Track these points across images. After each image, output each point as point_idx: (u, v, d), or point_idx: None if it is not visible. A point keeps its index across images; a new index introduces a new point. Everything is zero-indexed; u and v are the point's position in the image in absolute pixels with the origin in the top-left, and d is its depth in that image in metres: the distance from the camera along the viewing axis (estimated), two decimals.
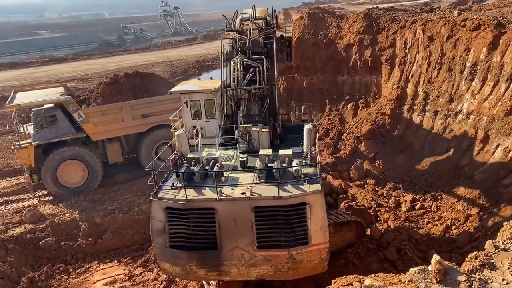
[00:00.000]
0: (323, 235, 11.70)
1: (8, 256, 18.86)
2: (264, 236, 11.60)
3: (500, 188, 19.05)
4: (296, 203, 11.42)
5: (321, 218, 11.56)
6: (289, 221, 11.49)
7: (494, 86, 21.55)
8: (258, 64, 15.69)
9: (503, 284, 8.02)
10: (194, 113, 16.57)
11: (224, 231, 11.70)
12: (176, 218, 11.94)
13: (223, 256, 11.88)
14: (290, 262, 11.71)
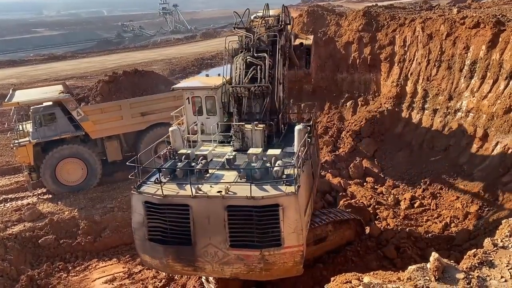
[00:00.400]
0: (297, 238, 11.49)
1: (7, 254, 18.84)
2: (236, 235, 11.61)
3: (499, 185, 19.08)
4: (269, 204, 11.28)
5: (294, 221, 11.36)
6: (261, 222, 11.38)
7: (493, 84, 21.57)
8: (260, 62, 15.69)
9: (502, 281, 8.04)
10: (198, 110, 16.65)
11: (198, 228, 11.79)
12: (153, 212, 12.14)
13: (197, 253, 11.98)
14: (262, 263, 11.63)
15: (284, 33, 16.83)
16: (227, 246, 11.66)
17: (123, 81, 29.54)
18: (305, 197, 12.72)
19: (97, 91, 28.59)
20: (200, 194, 11.77)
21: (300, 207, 11.52)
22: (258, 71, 15.58)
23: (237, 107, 15.74)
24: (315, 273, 15.52)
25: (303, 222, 11.74)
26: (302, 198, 11.94)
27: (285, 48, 16.66)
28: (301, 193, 11.80)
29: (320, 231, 16.19)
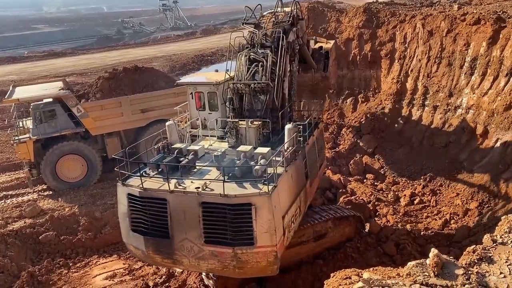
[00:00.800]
0: (270, 238, 11.43)
1: (8, 251, 18.90)
2: (210, 231, 11.67)
3: (499, 182, 19.11)
4: (241, 203, 11.28)
5: (267, 221, 11.32)
6: (234, 220, 11.40)
7: (493, 80, 21.56)
8: (262, 58, 15.62)
9: (501, 277, 8.07)
10: (203, 105, 16.72)
11: (175, 222, 11.97)
12: (135, 204, 12.46)
13: (175, 246, 12.17)
14: (235, 261, 11.67)
15: (295, 29, 16.71)
16: (202, 242, 11.76)
17: (123, 78, 29.52)
18: (287, 198, 12.57)
19: (97, 88, 28.58)
20: (177, 189, 11.92)
21: (276, 208, 11.46)
22: (260, 68, 15.57)
23: (239, 103, 15.74)
24: (315, 269, 15.58)
25: (278, 223, 11.66)
26: (280, 199, 11.83)
27: (294, 44, 16.50)
28: (278, 194, 11.69)
29: (320, 227, 16.24)
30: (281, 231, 11.88)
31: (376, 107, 28.08)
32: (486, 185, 19.52)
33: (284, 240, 12.25)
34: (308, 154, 14.88)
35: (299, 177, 13.79)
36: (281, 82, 15.77)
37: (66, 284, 17.97)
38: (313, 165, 15.55)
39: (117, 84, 29.04)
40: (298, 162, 13.85)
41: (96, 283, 17.86)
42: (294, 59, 17.06)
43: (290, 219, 12.74)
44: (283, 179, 12.25)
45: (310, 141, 15.10)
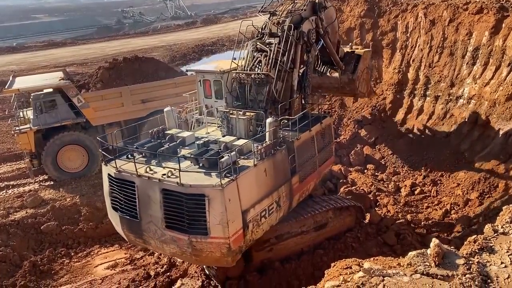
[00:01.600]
0: (223, 230, 11.67)
1: (10, 240, 18.99)
2: (170, 217, 12.09)
3: (500, 172, 19.10)
4: (196, 193, 11.56)
5: (220, 213, 11.55)
6: (189, 209, 11.71)
7: (495, 70, 21.45)
8: (266, 48, 15.56)
9: (501, 267, 8.09)
10: (207, 93, 16.89)
11: (142, 204, 12.52)
12: (113, 184, 13.27)
13: (143, 227, 12.76)
14: (191, 248, 12.01)
15: (313, 18, 16.54)
16: (163, 227, 12.23)
17: (123, 68, 29.39)
18: (253, 192, 12.66)
19: (98, 78, 28.46)
20: (143, 174, 12.44)
21: (231, 201, 11.66)
22: (263, 58, 15.50)
23: (242, 93, 15.72)
24: (316, 259, 15.64)
25: (234, 216, 11.86)
26: (241, 192, 12.01)
27: (310, 34, 16.25)
28: (236, 187, 11.84)
29: (320, 217, 16.28)
30: (239, 225, 12.07)
31: (377, 97, 27.97)
32: (487, 175, 19.51)
33: (248, 234, 12.48)
34: (299, 149, 14.61)
35: (278, 172, 13.65)
36: (285, 73, 15.62)
37: (68, 273, 18.08)
38: (308, 161, 15.28)
39: (118, 74, 28.92)
40: (279, 157, 13.71)
41: (97, 272, 17.96)
42: (310, 49, 16.73)
43: (260, 213, 12.89)
44: (248, 173, 12.37)
45: (303, 136, 14.77)
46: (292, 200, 14.73)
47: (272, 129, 13.51)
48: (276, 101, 15.35)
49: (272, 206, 13.54)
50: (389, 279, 8.15)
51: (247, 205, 12.36)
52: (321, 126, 16.15)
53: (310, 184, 15.96)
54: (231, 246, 11.90)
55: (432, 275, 8.11)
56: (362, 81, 20.73)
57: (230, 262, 12.53)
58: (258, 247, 15.05)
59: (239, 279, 14.65)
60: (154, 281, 16.07)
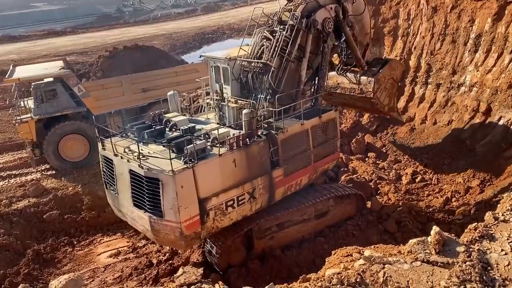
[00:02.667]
0: (175, 215, 12.21)
1: (13, 229, 19.10)
2: (136, 197, 13.03)
3: (501, 160, 19.09)
4: (152, 177, 12.20)
5: (171, 199, 12.07)
6: (148, 191, 12.43)
7: (498, 57, 21.30)
8: (271, 36, 15.57)
9: (502, 254, 8.13)
10: (217, 79, 17.08)
11: (118, 181, 13.78)
12: (102, 161, 14.57)
13: (120, 202, 14.07)
14: (150, 228, 12.84)
15: (332, 6, 16.35)
16: (132, 204, 13.27)
17: (124, 57, 29.41)
18: (217, 181, 12.93)
19: (98, 67, 28.49)
20: (118, 153, 13.43)
21: (185, 188, 12.11)
22: (266, 46, 15.47)
23: (245, 81, 15.88)
24: (316, 246, 15.73)
25: (188, 203, 12.29)
26: (199, 180, 12.41)
27: (325, 23, 16.05)
28: (192, 175, 12.24)
29: (321, 206, 16.35)
30: (194, 211, 12.49)
31: None
32: (488, 163, 19.50)
33: (209, 221, 12.95)
34: (285, 143, 14.52)
35: (252, 164, 13.73)
36: (287, 62, 15.47)
37: (71, 261, 18.22)
38: (298, 155, 15.12)
39: (118, 63, 28.93)
40: (255, 148, 13.73)
41: (100, 260, 18.10)
42: (326, 39, 16.45)
43: (226, 203, 13.23)
44: (210, 162, 12.68)
45: (291, 129, 14.63)
46: (274, 193, 14.69)
47: (247, 120, 13.58)
48: (275, 91, 15.27)
49: (243, 197, 13.75)
50: (390, 266, 8.21)
51: (208, 193, 12.75)
52: (320, 119, 15.65)
53: (300, 179, 15.68)
54: (184, 231, 12.45)
55: (432, 262, 8.16)
56: (383, 90, 19.55)
57: (183, 246, 13.41)
58: (259, 235, 15.17)
59: (240, 267, 14.77)
60: (156, 269, 16.20)
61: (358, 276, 8.12)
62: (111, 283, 16.10)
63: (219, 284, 9.61)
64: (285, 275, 14.49)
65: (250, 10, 16.75)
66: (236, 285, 13.53)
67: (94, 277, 16.86)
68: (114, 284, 16.04)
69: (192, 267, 15.23)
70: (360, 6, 18.24)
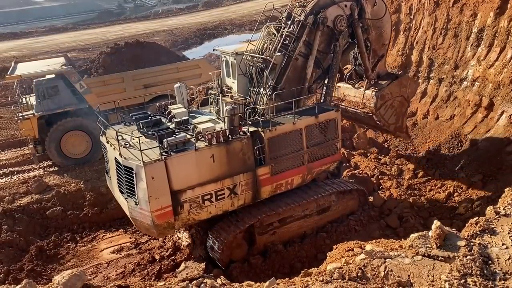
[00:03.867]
0: (146, 204, 12.73)
1: (16, 226, 19.21)
2: (119, 182, 13.88)
3: (503, 155, 19.04)
4: (128, 166, 12.90)
5: (143, 189, 12.62)
6: (126, 179, 13.19)
7: (500, 52, 21.21)
8: (275, 32, 15.69)
9: (503, 248, 8.14)
10: (227, 73, 17.43)
11: (110, 166, 14.71)
12: (103, 148, 15.38)
13: (113, 187, 14.97)
14: (129, 213, 13.62)
15: (348, 4, 15.99)
16: (118, 189, 14.14)
17: (125, 53, 29.40)
18: (192, 174, 13.18)
19: (99, 63, 28.50)
20: (110, 140, 14.22)
21: (156, 179, 12.55)
22: (268, 41, 15.53)
23: (251, 76, 16.01)
24: (318, 241, 15.78)
25: (160, 194, 12.78)
26: (172, 173, 12.78)
27: (336, 20, 15.72)
28: (165, 167, 12.64)
29: (323, 201, 16.35)
30: (166, 202, 12.92)
31: None
32: (490, 158, 19.46)
33: (183, 213, 13.34)
34: (273, 141, 14.38)
35: (233, 160, 13.80)
36: (289, 59, 15.44)
37: (74, 258, 18.32)
38: (288, 154, 14.93)
39: (119, 59, 28.93)
40: (237, 145, 13.74)
41: (103, 256, 18.19)
42: (338, 37, 16.10)
43: (202, 196, 13.52)
44: (184, 156, 12.98)
45: (280, 128, 14.43)
46: (259, 191, 14.66)
47: (227, 116, 13.66)
48: (275, 87, 15.25)
49: (222, 192, 13.89)
50: (391, 261, 8.24)
51: (182, 185, 13.09)
52: (317, 119, 15.21)
53: (292, 179, 15.43)
54: (154, 220, 12.88)
55: (433, 256, 8.18)
56: (389, 107, 18.40)
57: (155, 234, 13.92)
58: (261, 231, 15.21)
59: (242, 262, 14.83)
60: (159, 265, 16.28)
61: (359, 271, 8.14)
62: (114, 278, 16.18)
63: (221, 279, 9.65)
64: (287, 270, 14.56)
65: (251, 6, 16.88)
66: (238, 280, 13.56)
67: (97, 273, 16.95)
68: (117, 279, 16.10)
69: (194, 263, 15.27)
70: (381, 12, 17.41)
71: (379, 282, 7.87)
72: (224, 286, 9.27)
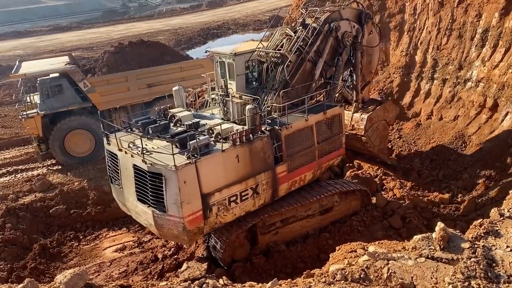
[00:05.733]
0: (177, 210, 12.25)
1: (19, 224, 19.28)
2: (140, 191, 13.06)
3: (507, 156, 18.95)
4: (155, 172, 12.22)
5: (174, 194, 12.12)
6: (152, 186, 12.48)
7: (505, 52, 21.10)
8: (292, 34, 15.99)
9: (507, 251, 8.08)
10: (222, 74, 17.14)
11: (123, 175, 13.82)
12: (107, 155, 14.68)
13: (125, 196, 14.06)
14: (154, 222, 12.87)
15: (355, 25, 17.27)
16: (136, 199, 13.29)
17: (129, 52, 29.44)
18: (219, 176, 12.94)
19: (103, 62, 28.54)
20: (123, 148, 13.43)
21: (188, 183, 12.13)
22: (286, 41, 15.57)
23: (260, 73, 16.08)
24: (321, 242, 15.73)
25: (191, 198, 12.32)
26: (202, 176, 12.41)
27: (346, 35, 16.88)
28: (195, 170, 12.24)
29: (326, 201, 16.32)
30: (197, 207, 12.54)
31: (384, 81, 27.71)
32: (494, 159, 19.37)
33: (211, 217, 12.99)
34: (289, 139, 14.50)
35: (255, 159, 13.72)
36: (303, 61, 15.81)
37: (77, 256, 18.38)
38: (302, 151, 15.09)
39: (123, 58, 28.97)
40: (258, 144, 13.72)
41: (106, 255, 18.23)
42: (342, 52, 17.09)
43: (228, 198, 13.27)
44: (212, 158, 12.69)
45: (295, 125, 14.60)
46: (277, 189, 14.71)
47: (250, 115, 13.57)
48: (287, 84, 15.38)
49: (246, 192, 13.76)
50: (394, 262, 8.19)
51: (211, 188, 12.78)
52: (325, 115, 15.60)
53: (304, 175, 15.66)
54: (186, 226, 12.47)
55: (437, 258, 8.13)
56: (375, 130, 19.68)
57: (186, 240, 13.42)
58: (263, 231, 15.19)
59: (245, 262, 14.81)
60: (161, 264, 16.29)
61: (362, 272, 8.10)
62: (117, 277, 16.21)
63: (223, 279, 9.63)
64: (289, 270, 14.53)
65: (255, 5, 17.14)
66: (241, 280, 13.56)
67: (100, 272, 16.99)
68: (119, 278, 16.14)
69: (197, 262, 15.33)
70: (374, 41, 18.98)
71: (382, 283, 7.83)
72: (226, 286, 9.25)
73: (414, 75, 26.32)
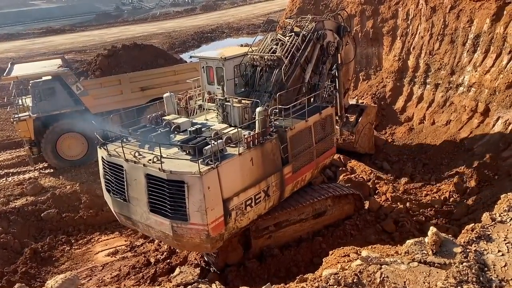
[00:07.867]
0: (201, 217, 11.87)
1: (10, 228, 19.07)
2: (154, 202, 12.40)
3: (499, 161, 19.13)
4: (176, 179, 11.75)
5: (198, 200, 11.74)
6: (171, 195, 11.98)
7: (496, 58, 21.34)
8: (284, 39, 16.20)
9: (499, 255, 8.14)
10: (209, 79, 17.06)
11: (130, 187, 12.96)
12: (105, 167, 13.75)
13: (131, 209, 13.22)
14: (172, 233, 12.35)
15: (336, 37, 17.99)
16: (148, 210, 12.59)
17: (122, 55, 29.29)
18: (237, 180, 12.76)
19: (96, 65, 28.39)
20: (130, 158, 12.71)
21: (211, 189, 11.79)
22: (279, 47, 15.89)
23: (252, 77, 16.06)
24: (314, 246, 15.75)
25: (214, 204, 12.01)
26: (222, 181, 12.13)
27: (329, 44, 17.49)
28: (217, 175, 11.95)
29: (319, 205, 16.36)
30: (219, 213, 12.23)
31: (377, 85, 27.87)
32: (486, 163, 19.54)
33: (230, 222, 12.67)
34: (293, 140, 14.57)
35: (266, 161, 13.69)
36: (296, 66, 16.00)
37: (68, 260, 18.21)
38: (303, 151, 15.20)
39: (116, 61, 28.82)
40: (268, 146, 13.71)
41: (98, 259, 18.08)
42: (326, 60, 17.53)
43: (245, 202, 13.06)
44: (231, 162, 12.45)
45: (297, 126, 14.69)
46: (284, 190, 14.73)
47: (261, 118, 13.52)
48: (282, 87, 15.44)
49: (259, 195, 13.64)
50: (387, 267, 8.22)
51: (230, 193, 12.51)
52: (320, 116, 15.82)
53: (305, 175, 15.81)
54: (210, 233, 12.09)
55: (429, 263, 8.17)
56: (363, 135, 20.77)
57: (209, 248, 12.86)
58: (257, 235, 15.16)
59: (238, 266, 14.77)
60: (154, 268, 16.19)
61: (355, 277, 8.12)
62: (109, 282, 16.08)
63: (216, 284, 9.60)
64: (283, 274, 14.51)
65: (249, 9, 17.25)
66: (234, 284, 13.54)
67: (92, 276, 16.85)
68: (111, 283, 16.02)
69: (189, 267, 15.28)
70: (350, 53, 19.91)
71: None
72: None
73: (407, 80, 26.51)
